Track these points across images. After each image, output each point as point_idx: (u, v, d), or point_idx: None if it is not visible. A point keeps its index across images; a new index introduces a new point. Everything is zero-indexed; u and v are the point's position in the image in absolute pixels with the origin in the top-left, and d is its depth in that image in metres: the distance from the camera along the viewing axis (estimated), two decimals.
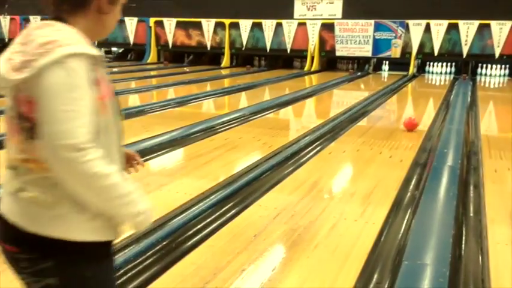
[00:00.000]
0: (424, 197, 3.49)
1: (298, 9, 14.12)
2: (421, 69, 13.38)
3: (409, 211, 3.33)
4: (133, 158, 1.58)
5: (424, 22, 12.83)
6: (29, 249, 1.25)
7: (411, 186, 3.89)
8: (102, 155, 1.20)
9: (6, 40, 17.07)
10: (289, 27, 14.02)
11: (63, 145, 1.14)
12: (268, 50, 14.31)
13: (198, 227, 3.01)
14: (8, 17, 16.99)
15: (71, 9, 1.25)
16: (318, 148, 5.09)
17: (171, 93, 9.26)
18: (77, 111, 1.15)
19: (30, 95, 1.18)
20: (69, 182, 1.19)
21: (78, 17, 1.26)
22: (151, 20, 15.41)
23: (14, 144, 1.26)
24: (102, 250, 1.33)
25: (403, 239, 2.86)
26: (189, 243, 2.80)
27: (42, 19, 1.27)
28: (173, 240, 2.80)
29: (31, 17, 16.50)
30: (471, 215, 3.40)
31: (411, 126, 5.92)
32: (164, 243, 2.74)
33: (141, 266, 2.49)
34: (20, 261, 1.26)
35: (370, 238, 2.84)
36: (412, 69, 13.15)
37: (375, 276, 2.45)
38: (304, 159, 4.67)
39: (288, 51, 14.13)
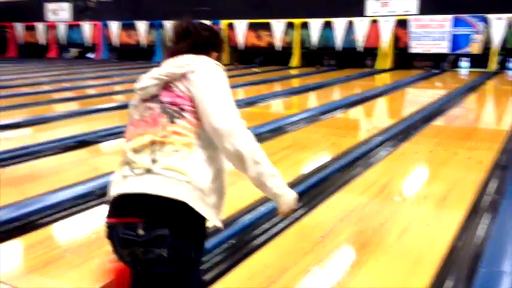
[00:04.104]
0: (505, 201, 3.29)
1: (371, 6, 13.80)
2: (503, 65, 12.62)
3: (487, 215, 3.14)
4: None
5: (506, 16, 12.08)
6: (151, 217, 1.39)
7: (491, 190, 3.67)
8: None
9: (90, 45, 18.10)
10: (361, 25, 13.74)
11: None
12: (339, 49, 14.11)
13: (266, 226, 3.02)
14: (89, 23, 17.98)
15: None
16: (390, 149, 4.94)
17: (240, 93, 9.39)
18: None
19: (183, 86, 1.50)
20: (232, 139, 1.44)
21: None
22: (223, 23, 15.70)
23: (144, 134, 1.48)
24: (204, 235, 1.50)
25: (480, 245, 2.71)
26: (257, 242, 2.82)
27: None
28: (241, 239, 2.83)
29: (111, 22, 17.38)
30: None
31: None
32: (232, 241, 2.78)
33: (209, 264, 2.54)
34: (138, 229, 1.38)
35: (443, 243, 2.71)
36: (492, 65, 12.43)
37: (449, 282, 2.34)
38: (375, 160, 4.55)
39: (360, 49, 13.85)
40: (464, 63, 13.21)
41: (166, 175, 1.41)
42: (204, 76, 1.50)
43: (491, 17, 12.25)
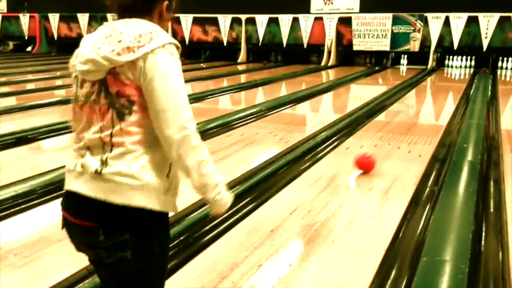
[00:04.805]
0: (444, 193, 3.45)
1: (315, 4, 14.03)
2: (441, 63, 13.20)
3: (428, 207, 3.29)
4: None
5: (443, 15, 12.64)
6: (109, 224, 1.35)
7: (430, 182, 3.84)
8: None
9: (26, 38, 17.31)
10: (305, 22, 13.95)
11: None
12: (284, 45, 14.27)
13: (215, 222, 3.01)
14: (28, 15, 17.22)
15: (138, 16, 1.43)
16: (335, 143, 5.06)
17: (187, 89, 9.30)
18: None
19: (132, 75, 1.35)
20: (180, 150, 1.34)
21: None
22: None
23: (93, 126, 1.38)
24: (167, 224, 1.48)
25: (421, 235, 2.83)
26: (206, 238, 2.82)
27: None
28: (190, 235, 2.82)
29: (50, 15, 16.70)
30: (491, 210, 3.35)
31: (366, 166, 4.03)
32: (181, 238, 2.76)
33: None
34: (97, 235, 1.34)
35: (387, 234, 2.82)
36: (431, 63, 12.99)
37: (393, 272, 2.44)
38: (321, 154, 4.65)
39: (305, 46, 14.07)
40: (404, 61, 13.71)
41: (119, 181, 1.34)
42: (155, 67, 1.34)
43: (429, 15, 12.77)
